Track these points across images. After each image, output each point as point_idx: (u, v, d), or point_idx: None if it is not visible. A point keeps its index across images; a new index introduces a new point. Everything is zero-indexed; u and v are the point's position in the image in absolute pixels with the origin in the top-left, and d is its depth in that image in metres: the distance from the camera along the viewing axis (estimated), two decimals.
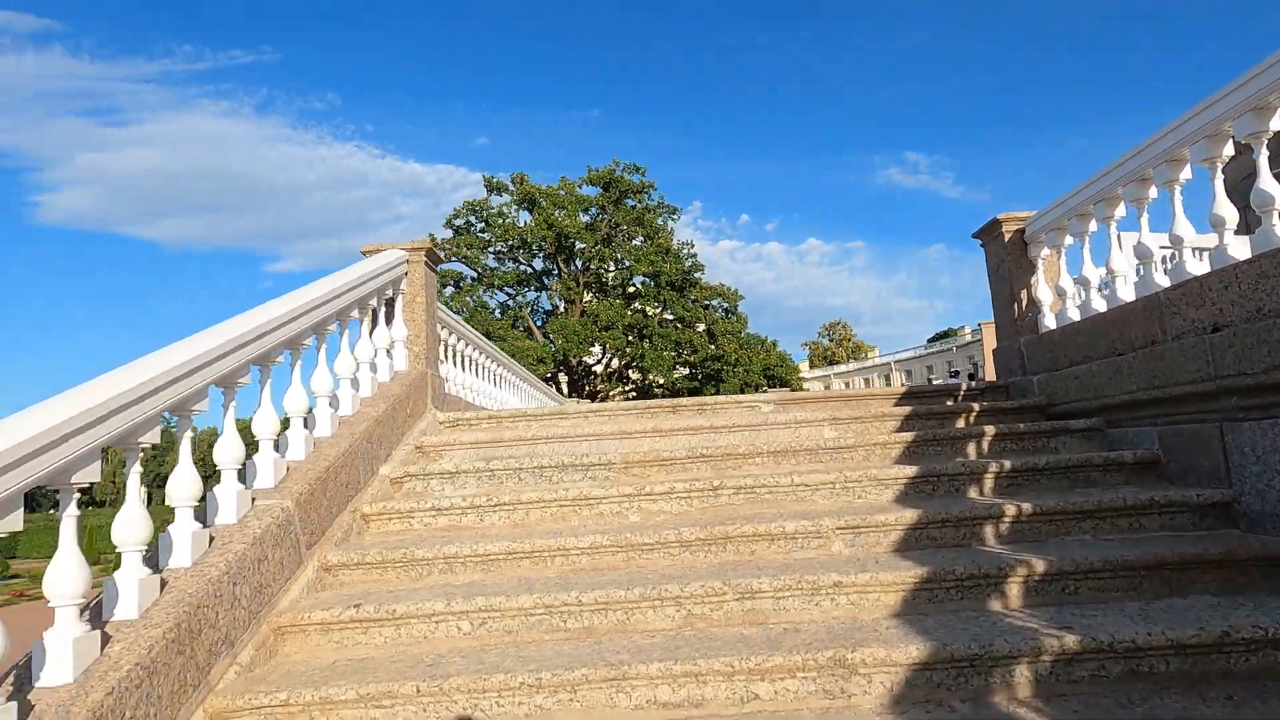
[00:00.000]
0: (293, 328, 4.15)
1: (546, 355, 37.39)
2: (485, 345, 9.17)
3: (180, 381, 3.16)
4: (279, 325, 4.01)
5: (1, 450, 2.30)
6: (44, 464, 2.47)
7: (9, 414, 2.52)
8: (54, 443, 2.50)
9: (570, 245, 40.53)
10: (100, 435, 2.71)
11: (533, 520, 4.37)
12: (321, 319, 4.49)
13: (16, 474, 2.37)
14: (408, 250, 6.02)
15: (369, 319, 5.54)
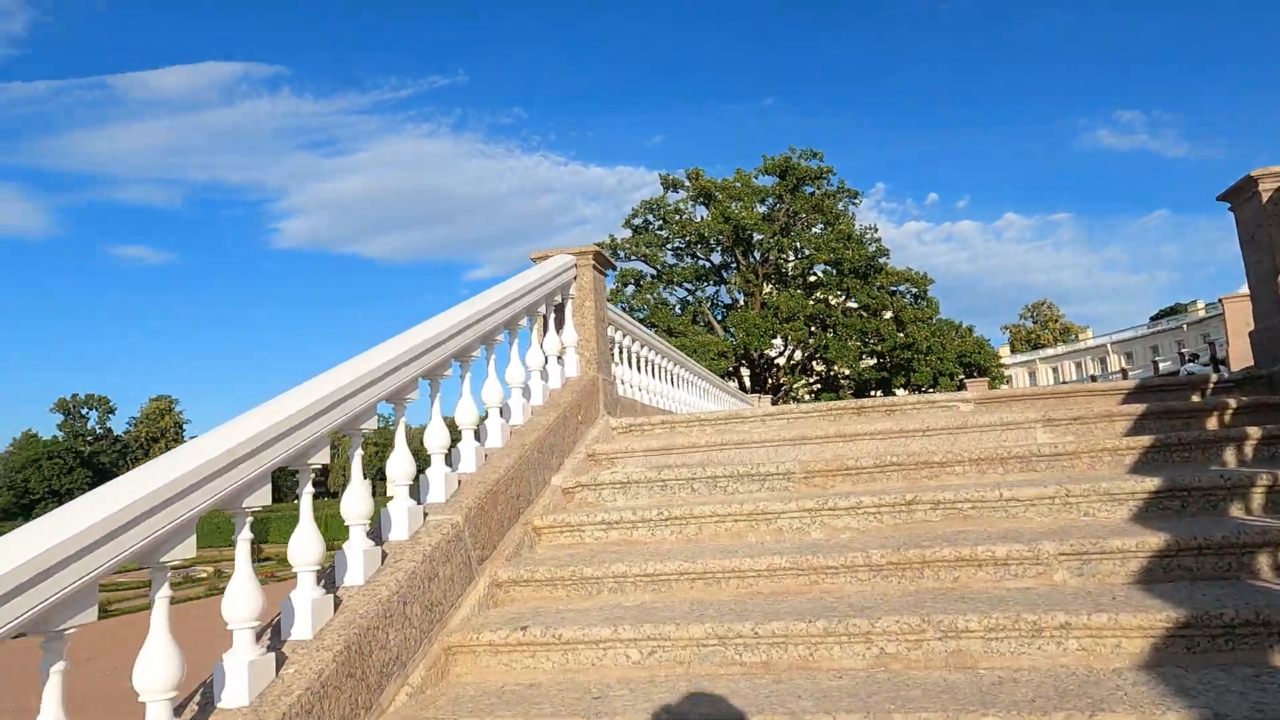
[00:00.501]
0: (461, 340, 4.14)
1: (727, 349, 37.18)
2: (659, 344, 9.05)
3: (348, 401, 3.18)
4: (448, 338, 4.00)
5: (260, 430, 2.70)
6: (289, 444, 2.86)
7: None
8: (294, 428, 2.87)
9: (748, 237, 40.05)
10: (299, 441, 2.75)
11: (705, 536, 4.11)
12: (489, 329, 4.46)
13: (270, 451, 2.74)
14: (575, 255, 5.95)
15: (539, 326, 5.51)
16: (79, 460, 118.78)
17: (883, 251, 40.60)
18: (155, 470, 2.43)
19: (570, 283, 5.90)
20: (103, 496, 2.27)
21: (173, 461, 2.50)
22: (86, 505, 2.22)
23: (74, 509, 2.21)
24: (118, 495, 2.27)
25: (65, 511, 2.19)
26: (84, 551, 2.09)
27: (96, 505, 2.22)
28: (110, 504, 2.22)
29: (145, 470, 2.45)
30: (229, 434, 2.66)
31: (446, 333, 3.99)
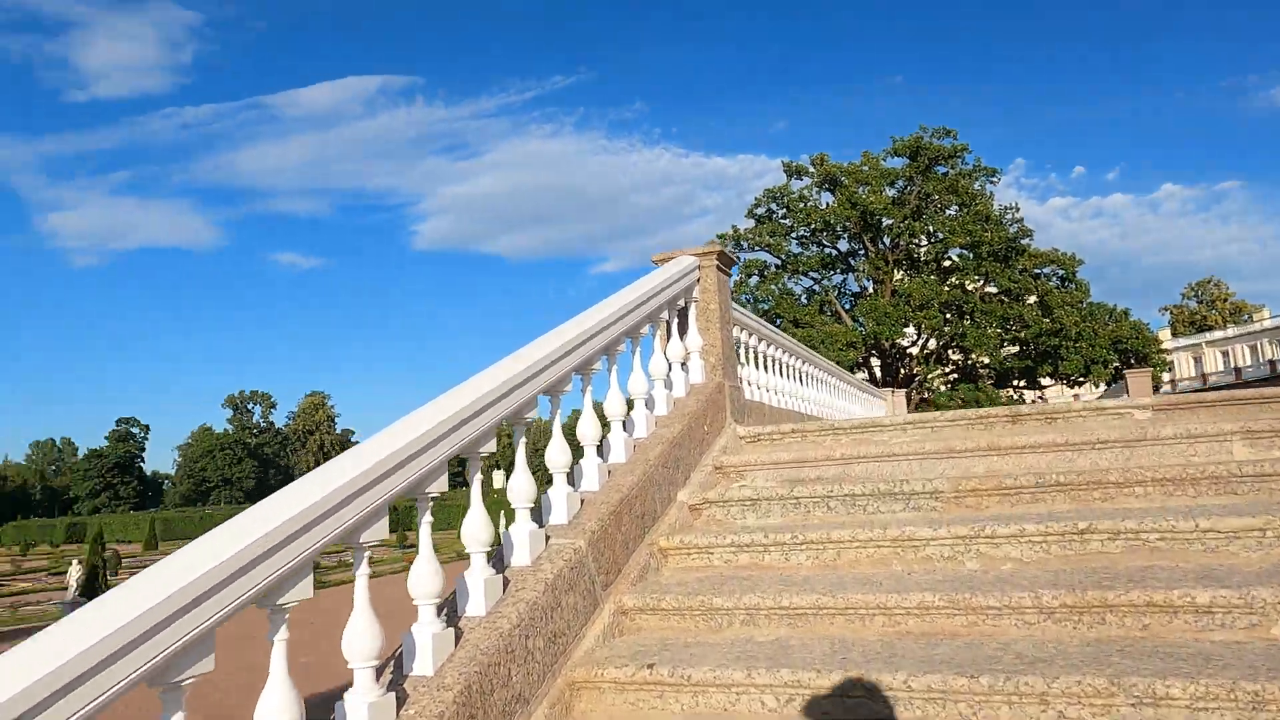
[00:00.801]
0: (582, 352, 3.98)
1: (856, 339, 35.94)
2: (786, 342, 8.67)
3: (464, 426, 3.06)
4: (568, 352, 3.84)
5: (439, 420, 2.95)
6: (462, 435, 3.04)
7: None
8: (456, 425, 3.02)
9: (876, 222, 38.52)
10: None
11: (844, 563, 3.78)
12: (610, 340, 4.29)
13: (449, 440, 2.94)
14: (697, 255, 5.70)
15: (661, 332, 5.30)
16: (246, 451, 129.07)
17: (1025, 232, 38.06)
18: (350, 461, 2.61)
19: (693, 285, 5.65)
20: (310, 484, 2.45)
21: (363, 451, 2.68)
22: (298, 493, 2.39)
23: (287, 496, 2.38)
24: (330, 479, 2.47)
25: (281, 497, 2.38)
26: (301, 530, 2.28)
27: (309, 490, 2.40)
28: (320, 489, 2.40)
29: (345, 458, 2.65)
30: (404, 430, 2.81)
31: (567, 346, 3.84)
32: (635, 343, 4.77)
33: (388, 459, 2.66)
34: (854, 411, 13.60)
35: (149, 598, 1.89)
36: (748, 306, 40.76)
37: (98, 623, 1.80)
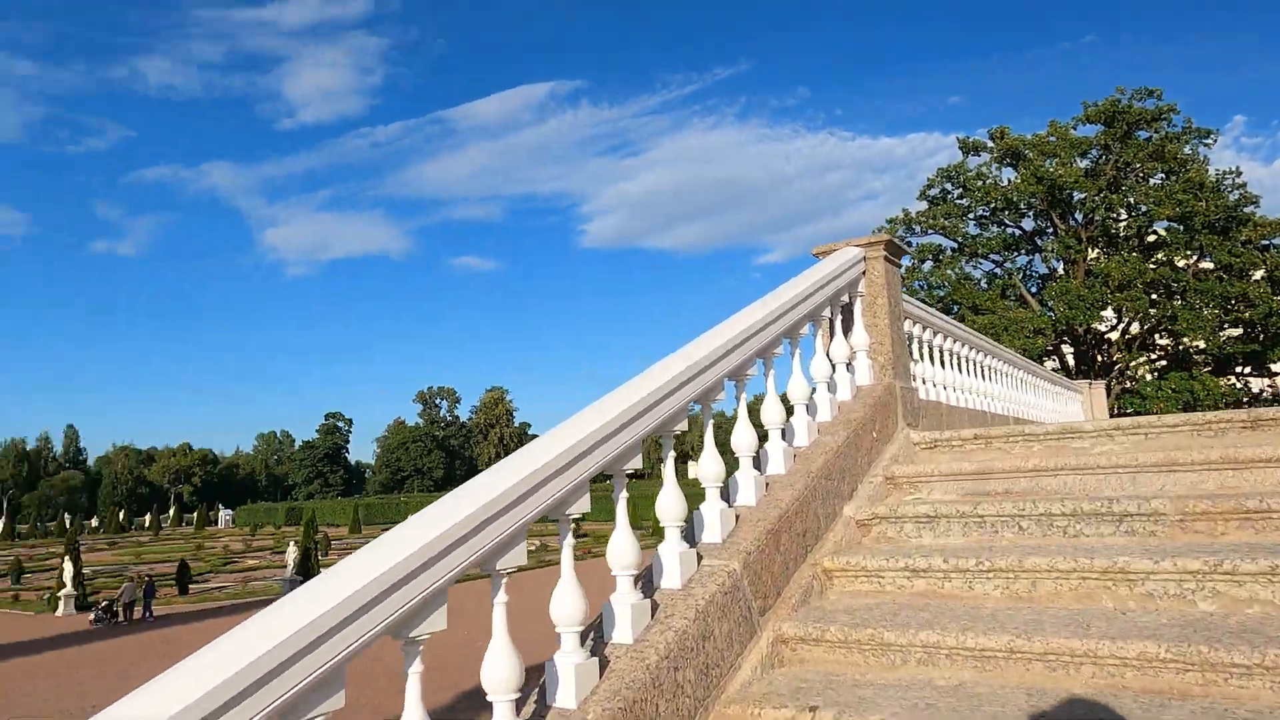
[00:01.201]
0: (736, 357, 3.71)
1: (1045, 325, 33.11)
2: (964, 334, 7.95)
3: (608, 441, 2.88)
4: (720, 357, 3.59)
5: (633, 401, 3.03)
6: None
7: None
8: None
9: (1066, 197, 35.28)
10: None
11: (1041, 596, 3.28)
12: (766, 343, 3.98)
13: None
14: (863, 246, 5.25)
15: (824, 330, 4.92)
16: (435, 443, 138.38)
17: (1248, 199, 33.46)
18: (549, 442, 2.78)
19: (858, 278, 5.22)
20: (521, 460, 2.68)
21: (559, 434, 2.81)
22: (512, 465, 2.65)
23: (500, 471, 2.62)
24: (536, 457, 2.67)
25: (494, 472, 2.63)
26: (516, 501, 2.50)
27: (519, 466, 2.63)
28: (525, 468, 2.61)
29: (545, 440, 2.80)
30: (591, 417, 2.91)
31: (720, 351, 3.58)
32: (794, 344, 4.43)
33: (592, 435, 2.81)
34: (1044, 408, 12.41)
35: (394, 554, 2.14)
36: (920, 293, 38.61)
37: (356, 577, 2.06)
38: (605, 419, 2.90)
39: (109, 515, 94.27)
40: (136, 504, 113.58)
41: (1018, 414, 10.17)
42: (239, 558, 52.51)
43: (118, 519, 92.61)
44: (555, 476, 2.64)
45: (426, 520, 2.29)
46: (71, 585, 34.01)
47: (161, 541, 72.88)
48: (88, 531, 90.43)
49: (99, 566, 50.56)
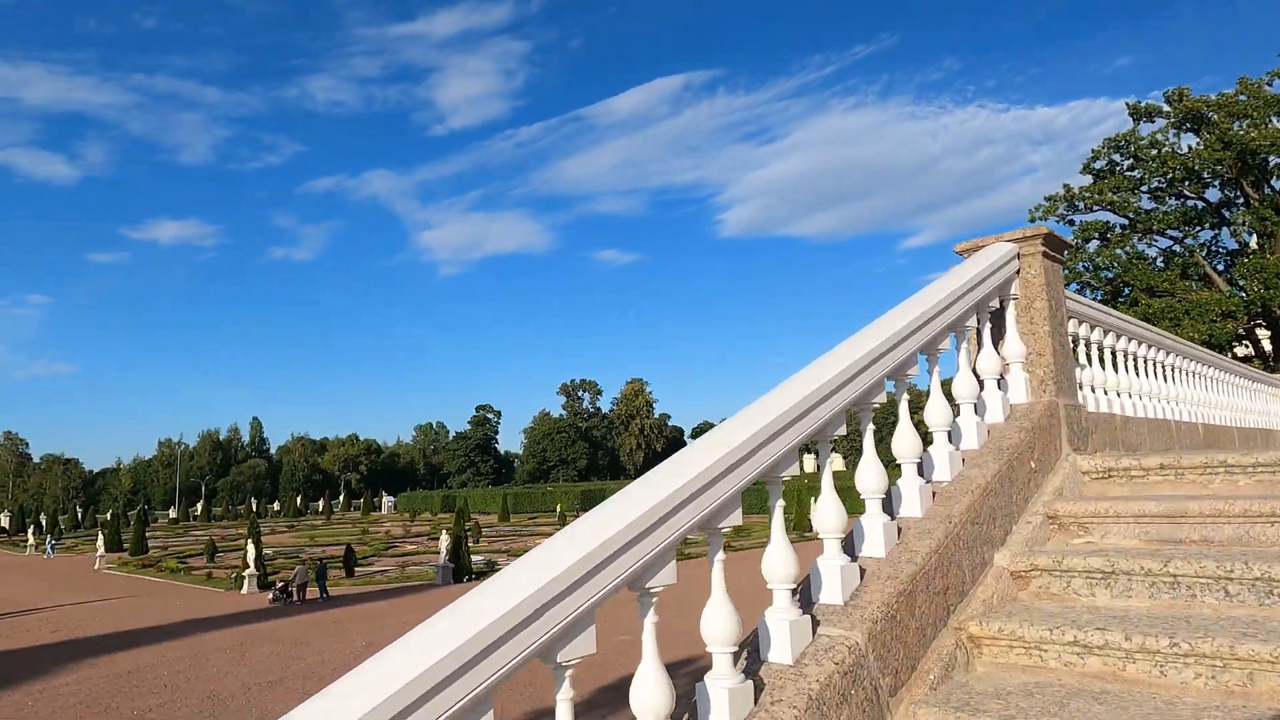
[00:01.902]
0: (861, 382, 3.18)
1: (1235, 307, 29.53)
2: (1139, 330, 6.91)
3: (711, 488, 2.45)
4: (843, 384, 3.07)
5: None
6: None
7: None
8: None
9: (1261, 162, 31.31)
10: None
11: (1261, 693, 2.56)
12: (899, 363, 3.42)
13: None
14: (1016, 242, 4.52)
15: (970, 340, 4.26)
16: (578, 434, 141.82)
17: None
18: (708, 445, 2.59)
19: (1011, 279, 4.50)
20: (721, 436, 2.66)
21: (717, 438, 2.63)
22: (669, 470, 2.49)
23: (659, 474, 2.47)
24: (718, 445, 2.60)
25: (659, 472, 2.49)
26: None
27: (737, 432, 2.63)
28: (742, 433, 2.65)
29: (703, 443, 2.62)
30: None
31: (843, 376, 3.07)
32: (932, 361, 3.83)
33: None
34: (1241, 409, 10.83)
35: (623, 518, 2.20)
36: (1085, 275, 35.46)
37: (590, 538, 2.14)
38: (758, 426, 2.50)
39: (288, 500, 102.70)
40: (311, 490, 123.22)
41: (1209, 419, 8.88)
42: (399, 542, 55.72)
43: (295, 504, 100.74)
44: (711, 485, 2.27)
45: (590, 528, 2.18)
46: (254, 566, 37.18)
47: (333, 526, 78.64)
48: (270, 515, 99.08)
49: (279, 548, 55.02)
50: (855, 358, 3.18)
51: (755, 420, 2.72)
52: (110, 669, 19.21)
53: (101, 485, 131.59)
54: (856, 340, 3.36)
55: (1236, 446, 9.63)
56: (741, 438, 2.62)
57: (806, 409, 2.88)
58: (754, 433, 2.65)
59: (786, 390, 2.95)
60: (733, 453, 2.55)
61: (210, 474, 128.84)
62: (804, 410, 2.87)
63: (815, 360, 3.24)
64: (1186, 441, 7.67)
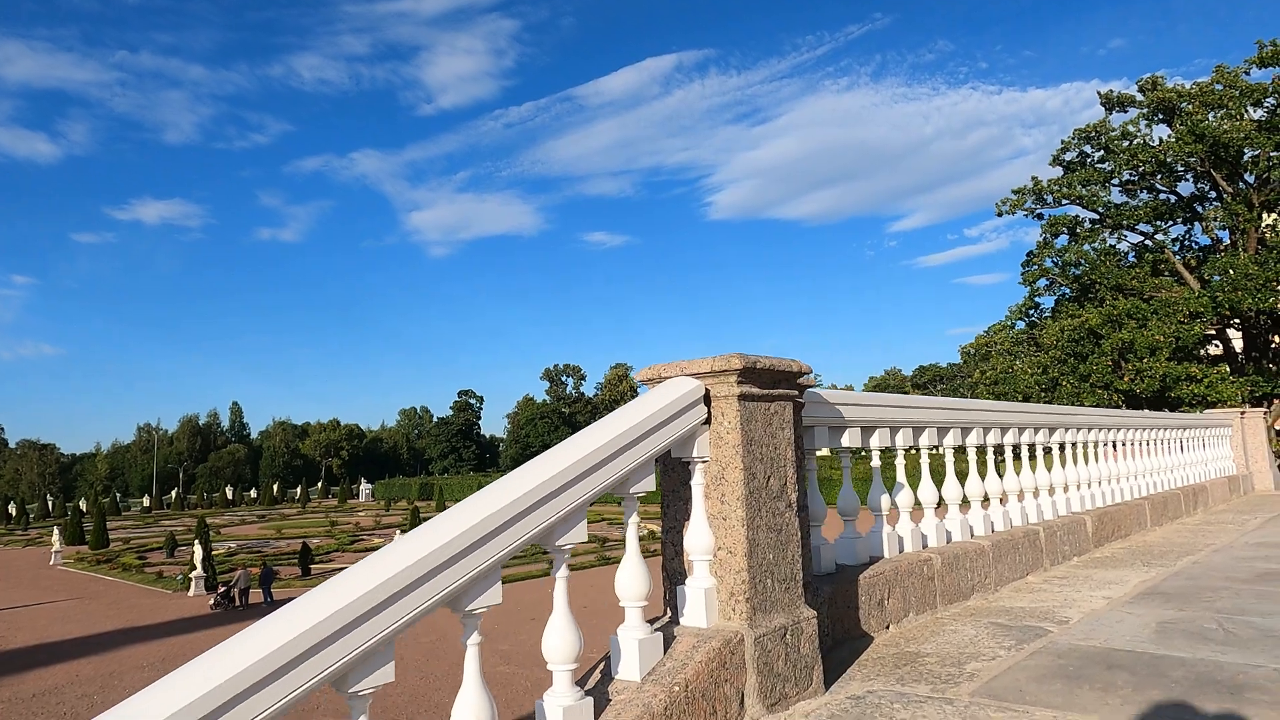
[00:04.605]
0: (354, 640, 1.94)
1: (1203, 308, 28.32)
2: (963, 413, 5.67)
3: None
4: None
5: None
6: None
7: None
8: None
9: (1234, 155, 29.99)
10: None
11: None
12: (453, 588, 2.16)
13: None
14: (703, 377, 3.24)
15: (634, 522, 3.00)
16: (561, 419, 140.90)
17: None
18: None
19: (695, 433, 3.22)
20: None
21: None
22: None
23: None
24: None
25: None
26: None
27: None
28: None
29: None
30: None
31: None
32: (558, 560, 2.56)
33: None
34: (1153, 473, 9.58)
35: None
36: (1053, 273, 34.21)
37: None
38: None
39: (265, 487, 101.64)
40: (291, 476, 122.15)
41: (1109, 498, 7.65)
42: (366, 535, 54.58)
43: (272, 492, 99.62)
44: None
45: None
46: (201, 567, 36.10)
47: (306, 515, 77.55)
48: (245, 503, 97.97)
49: (244, 540, 53.91)
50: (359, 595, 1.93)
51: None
52: (16, 691, 18.14)
53: (78, 471, 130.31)
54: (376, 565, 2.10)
55: (1148, 525, 8.42)
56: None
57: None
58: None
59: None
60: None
61: (189, 460, 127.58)
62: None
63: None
64: (1066, 550, 6.45)
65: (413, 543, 2.27)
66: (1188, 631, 4.13)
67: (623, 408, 3.13)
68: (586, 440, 2.81)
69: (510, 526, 2.46)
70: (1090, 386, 29.52)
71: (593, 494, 2.72)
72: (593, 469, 2.74)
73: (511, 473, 2.65)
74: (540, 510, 2.57)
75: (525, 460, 20.46)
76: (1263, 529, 8.58)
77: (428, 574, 2.22)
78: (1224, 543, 7.50)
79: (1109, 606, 4.86)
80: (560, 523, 2.64)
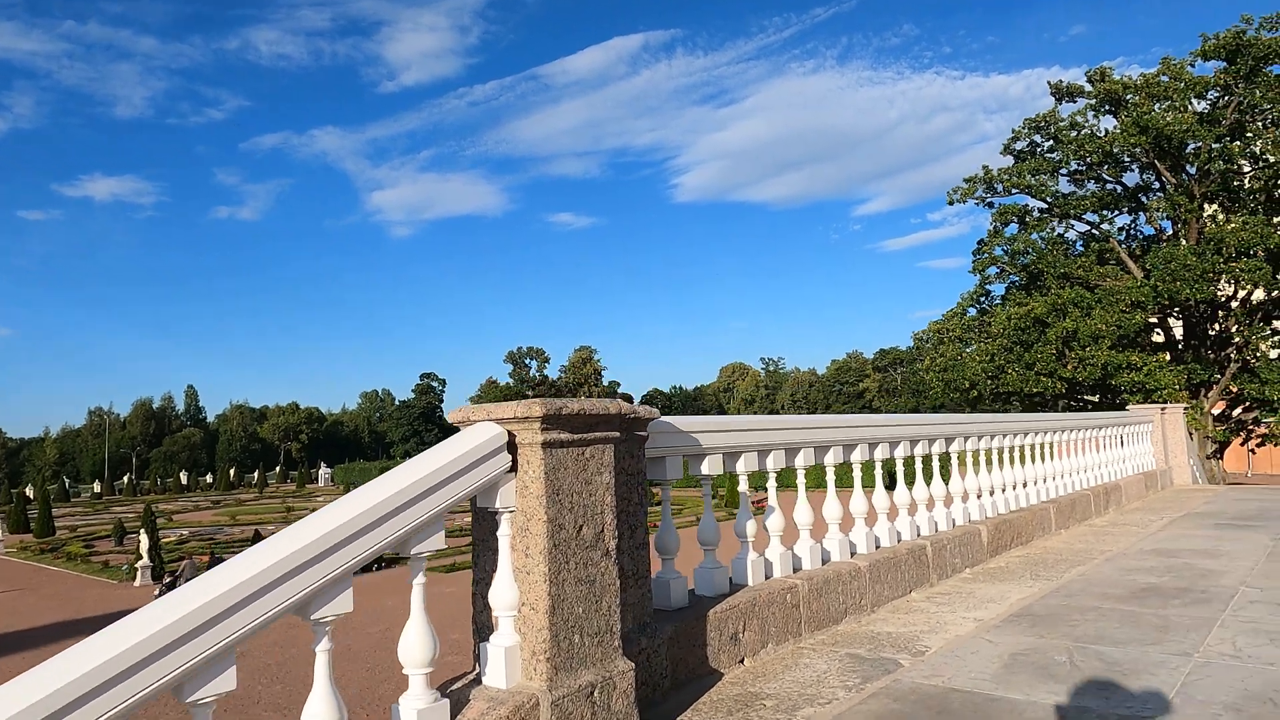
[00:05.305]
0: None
1: (1145, 297, 28.78)
2: (798, 432, 5.58)
3: None
4: None
5: None
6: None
7: None
8: None
9: (1177, 147, 30.42)
10: None
11: None
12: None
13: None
14: (506, 423, 3.07)
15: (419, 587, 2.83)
16: None
17: None
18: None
19: (498, 481, 3.06)
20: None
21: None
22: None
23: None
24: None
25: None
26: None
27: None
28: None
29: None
30: None
31: None
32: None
33: None
34: (1057, 472, 9.64)
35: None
36: (1002, 260, 34.55)
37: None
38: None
39: (222, 472, 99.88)
40: (249, 460, 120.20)
41: (1010, 504, 7.65)
42: None
43: (228, 476, 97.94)
44: None
45: None
46: (148, 557, 35.39)
47: (262, 500, 76.43)
48: (201, 488, 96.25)
49: (197, 528, 52.97)
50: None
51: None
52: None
53: (25, 457, 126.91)
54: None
55: (1053, 529, 8.47)
56: None
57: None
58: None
59: None
60: None
61: (142, 444, 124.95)
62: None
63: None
64: (958, 562, 6.43)
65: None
66: (1036, 665, 4.08)
67: (415, 458, 2.96)
68: (354, 503, 2.63)
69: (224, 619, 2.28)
70: (1035, 375, 29.93)
71: (353, 563, 2.55)
72: (356, 534, 2.57)
73: (260, 544, 2.47)
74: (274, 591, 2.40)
75: None
76: (1164, 531, 8.68)
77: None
78: (1119, 549, 7.56)
79: (975, 631, 4.82)
80: (320, 592, 2.47)
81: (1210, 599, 5.47)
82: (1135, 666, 4.02)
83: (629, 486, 3.63)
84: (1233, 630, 4.64)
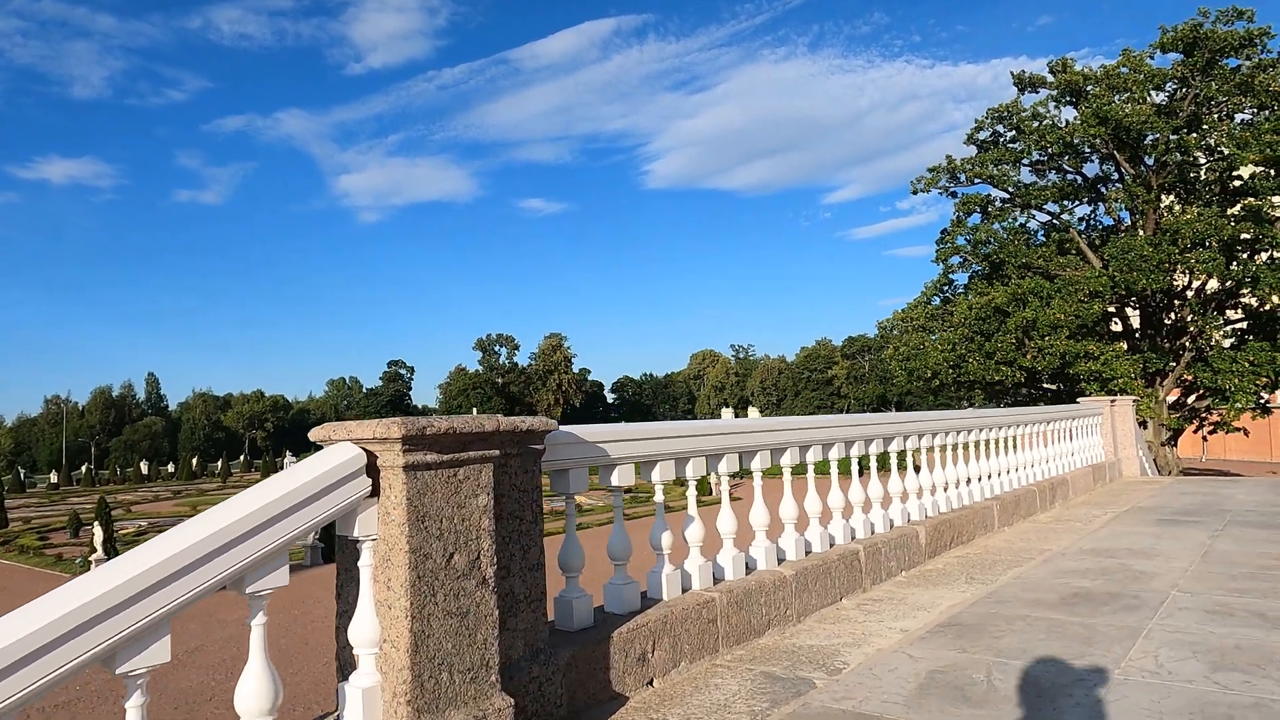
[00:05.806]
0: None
1: (1102, 288, 29.07)
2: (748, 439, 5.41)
3: None
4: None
5: None
6: None
7: None
8: None
9: (1135, 139, 30.69)
10: None
11: None
12: None
13: None
14: (364, 444, 2.83)
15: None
16: (495, 389, 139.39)
17: None
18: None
19: (357, 507, 2.82)
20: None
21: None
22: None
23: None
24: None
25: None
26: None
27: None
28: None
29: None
30: None
31: None
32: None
33: None
34: (1000, 469, 9.57)
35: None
36: (965, 250, 34.72)
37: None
38: None
39: (184, 461, 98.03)
40: (213, 449, 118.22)
41: (951, 505, 7.53)
42: None
43: (190, 466, 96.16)
44: None
45: None
46: (102, 549, 34.56)
47: (225, 490, 75.02)
48: (162, 478, 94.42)
49: (156, 519, 51.88)
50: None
51: None
52: None
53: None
54: None
55: (996, 526, 8.39)
56: None
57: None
58: None
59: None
60: None
61: (102, 434, 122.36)
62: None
63: None
64: (893, 565, 6.28)
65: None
66: (953, 686, 3.93)
67: (263, 481, 2.70)
68: (172, 541, 2.37)
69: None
70: (995, 364, 30.16)
71: (176, 605, 2.29)
72: (168, 578, 2.32)
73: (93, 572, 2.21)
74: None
75: None
76: (1105, 528, 8.65)
77: None
78: (1059, 549, 7.49)
79: (899, 644, 4.67)
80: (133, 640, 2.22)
81: (1140, 605, 5.38)
82: (1053, 685, 3.89)
83: (520, 504, 3.41)
84: (1157, 641, 4.53)
